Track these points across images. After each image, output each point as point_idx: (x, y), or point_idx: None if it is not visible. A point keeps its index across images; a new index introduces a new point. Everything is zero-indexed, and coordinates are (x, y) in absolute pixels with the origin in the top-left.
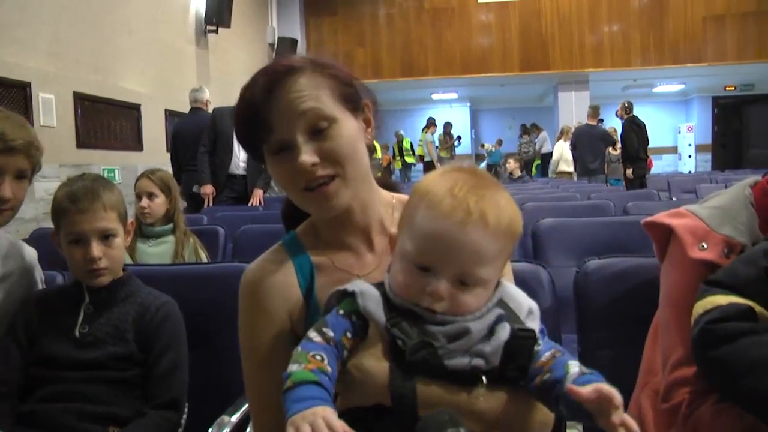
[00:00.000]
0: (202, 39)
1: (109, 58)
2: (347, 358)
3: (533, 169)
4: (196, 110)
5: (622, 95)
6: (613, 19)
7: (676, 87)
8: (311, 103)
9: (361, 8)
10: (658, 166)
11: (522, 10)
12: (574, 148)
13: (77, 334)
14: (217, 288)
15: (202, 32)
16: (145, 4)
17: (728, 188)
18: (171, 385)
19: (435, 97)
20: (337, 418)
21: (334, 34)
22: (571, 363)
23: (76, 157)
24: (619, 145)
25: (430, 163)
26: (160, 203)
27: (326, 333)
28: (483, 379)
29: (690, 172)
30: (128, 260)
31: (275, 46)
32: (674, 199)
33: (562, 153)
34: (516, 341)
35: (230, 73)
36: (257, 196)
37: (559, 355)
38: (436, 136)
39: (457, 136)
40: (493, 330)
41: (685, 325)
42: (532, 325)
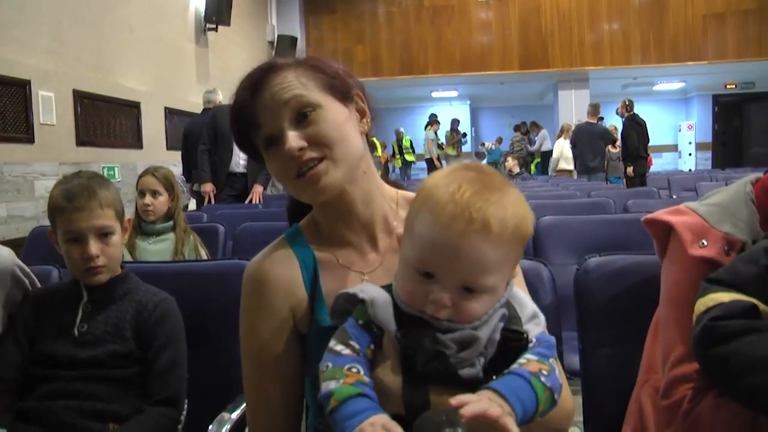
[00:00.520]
0: (202, 37)
1: (109, 56)
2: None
3: (533, 167)
4: (209, 111)
5: (622, 93)
6: (613, 17)
7: (677, 85)
8: (294, 92)
9: (361, 6)
10: (658, 164)
11: (521, 8)
12: (574, 146)
13: (76, 332)
14: (217, 285)
15: (202, 30)
16: (144, 2)
17: (728, 185)
18: (169, 381)
19: (435, 95)
20: (395, 424)
21: (333, 32)
22: (521, 359)
23: (76, 155)
24: (619, 143)
25: (431, 161)
26: (163, 201)
27: (354, 345)
28: (493, 378)
29: (690, 171)
30: (128, 257)
31: (275, 44)
32: (674, 197)
33: (562, 151)
34: (503, 341)
35: (230, 72)
36: (257, 193)
37: (534, 346)
38: (443, 133)
39: (462, 133)
40: (494, 331)
41: (686, 322)
42: (533, 330)
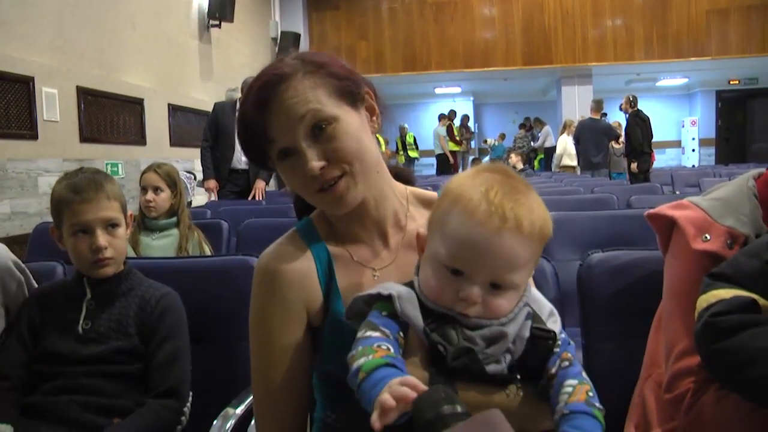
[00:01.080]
0: (205, 33)
1: (113, 53)
2: None
3: (536, 163)
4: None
5: (626, 89)
6: (617, 13)
7: (680, 81)
8: (309, 106)
9: (364, 2)
10: (662, 160)
11: (525, 4)
12: (578, 142)
13: (80, 330)
14: (221, 281)
15: (205, 27)
16: None
17: (731, 180)
18: (170, 374)
19: (438, 91)
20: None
21: (336, 29)
22: (565, 385)
23: (80, 152)
24: (623, 139)
25: (442, 156)
26: (165, 197)
27: (383, 330)
28: (517, 378)
29: (693, 166)
30: (131, 253)
31: (278, 41)
32: (678, 193)
33: (566, 147)
34: (534, 340)
35: (233, 68)
36: (259, 188)
37: (564, 365)
38: (443, 129)
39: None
40: (521, 328)
41: (689, 316)
42: (553, 327)
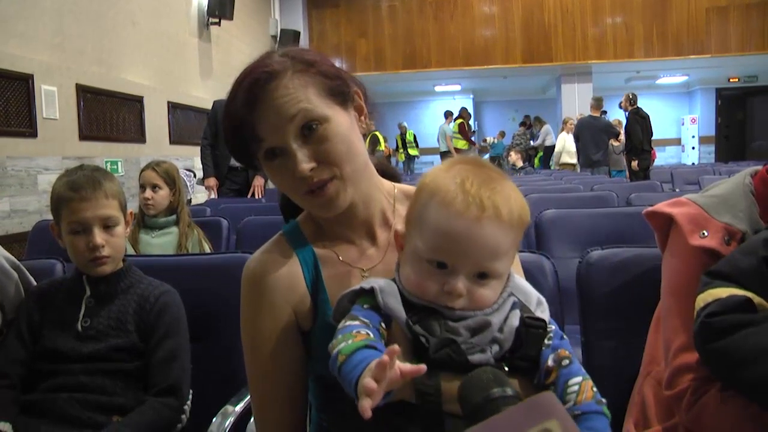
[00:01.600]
0: (205, 31)
1: (112, 51)
2: None
3: (536, 161)
4: None
5: (626, 87)
6: (616, 11)
7: (680, 78)
8: (299, 105)
9: (364, 0)
10: (662, 157)
11: (525, 2)
12: (578, 140)
13: (79, 327)
14: (220, 279)
15: (205, 25)
16: None
17: (728, 178)
18: (169, 371)
19: (438, 89)
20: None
21: (336, 26)
22: (570, 385)
23: (79, 150)
24: (623, 136)
25: (448, 154)
26: (163, 195)
27: (364, 320)
28: (505, 370)
29: (693, 164)
30: (131, 251)
31: (278, 39)
32: (677, 191)
33: (565, 144)
34: (525, 329)
35: (233, 66)
36: (258, 186)
37: (565, 362)
38: (453, 125)
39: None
40: (508, 317)
41: (687, 312)
42: (542, 316)
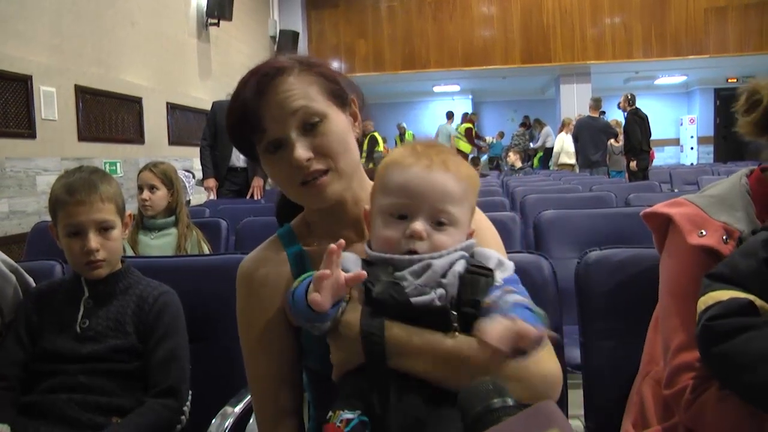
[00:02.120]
0: (204, 32)
1: (111, 51)
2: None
3: (536, 161)
4: None
5: (624, 87)
6: (615, 11)
7: (678, 79)
8: (302, 101)
9: (363, 1)
10: (661, 158)
11: (523, 2)
12: (576, 141)
13: (78, 329)
14: (219, 279)
15: (204, 25)
16: None
17: (725, 179)
18: (169, 372)
19: (437, 89)
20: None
21: (335, 27)
22: (510, 298)
23: (78, 151)
24: (622, 137)
25: None
26: (161, 196)
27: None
28: (454, 314)
29: (692, 164)
30: (130, 252)
31: (277, 39)
32: (676, 191)
33: (563, 145)
34: (469, 275)
35: (231, 67)
36: (257, 187)
37: (508, 292)
38: (453, 126)
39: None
40: (453, 265)
41: (686, 311)
42: (500, 275)
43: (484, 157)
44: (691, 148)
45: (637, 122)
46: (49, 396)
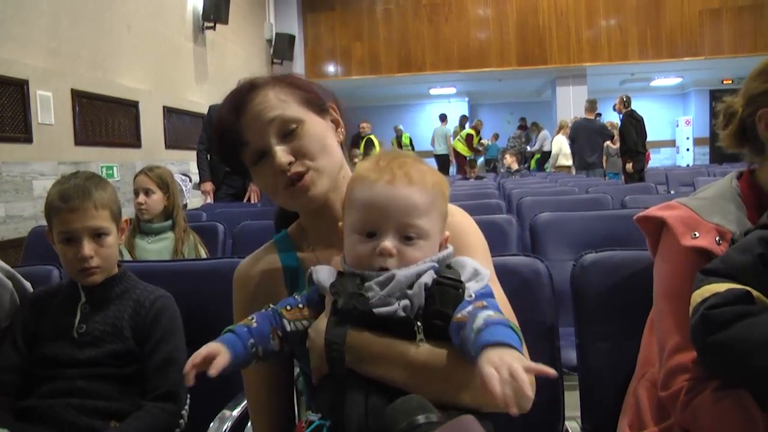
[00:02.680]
0: (200, 35)
1: (107, 55)
2: (308, 326)
3: (533, 163)
4: None
5: (620, 89)
6: (611, 13)
7: (674, 80)
8: (278, 111)
9: (359, 4)
10: (656, 159)
11: (519, 5)
12: (573, 143)
13: (75, 334)
14: (216, 283)
15: (200, 29)
16: (142, 0)
17: (716, 181)
18: (167, 377)
19: (433, 92)
20: (213, 350)
21: (331, 30)
22: (481, 316)
23: (75, 155)
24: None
25: (444, 157)
26: (157, 199)
27: (270, 306)
28: (419, 325)
29: (688, 166)
30: (127, 256)
31: (273, 42)
32: (672, 192)
33: (561, 147)
34: (437, 287)
35: (228, 70)
36: (255, 191)
37: (479, 307)
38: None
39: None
40: (420, 275)
41: (680, 312)
42: (473, 287)
43: (481, 160)
44: (687, 150)
45: (633, 124)
46: (47, 401)
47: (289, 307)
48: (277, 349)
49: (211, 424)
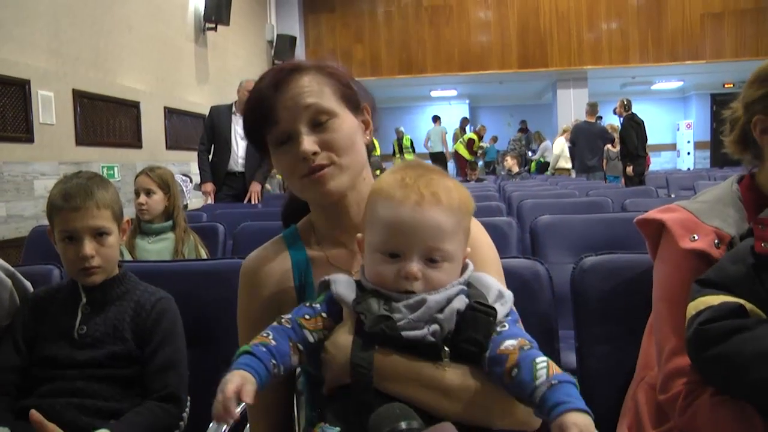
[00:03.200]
0: (201, 36)
1: (109, 56)
2: (324, 337)
3: (533, 165)
4: None
5: (621, 92)
6: (612, 17)
7: (675, 84)
8: (314, 98)
9: (360, 5)
10: (657, 163)
11: (520, 8)
12: (573, 145)
13: (76, 335)
14: (217, 284)
15: (201, 30)
16: (144, 1)
17: (717, 185)
18: (168, 379)
19: (434, 94)
20: (240, 380)
21: (332, 31)
22: (538, 362)
23: (76, 155)
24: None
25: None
26: (157, 200)
27: (282, 318)
28: (445, 350)
29: (689, 169)
30: (128, 257)
31: (274, 44)
32: (672, 196)
33: (563, 149)
34: (471, 312)
35: (229, 71)
36: (255, 191)
37: (527, 347)
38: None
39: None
40: (451, 301)
41: (679, 316)
42: (500, 310)
43: (481, 163)
44: (688, 153)
45: (633, 127)
46: (47, 400)
47: (307, 317)
48: (296, 365)
49: (211, 425)
